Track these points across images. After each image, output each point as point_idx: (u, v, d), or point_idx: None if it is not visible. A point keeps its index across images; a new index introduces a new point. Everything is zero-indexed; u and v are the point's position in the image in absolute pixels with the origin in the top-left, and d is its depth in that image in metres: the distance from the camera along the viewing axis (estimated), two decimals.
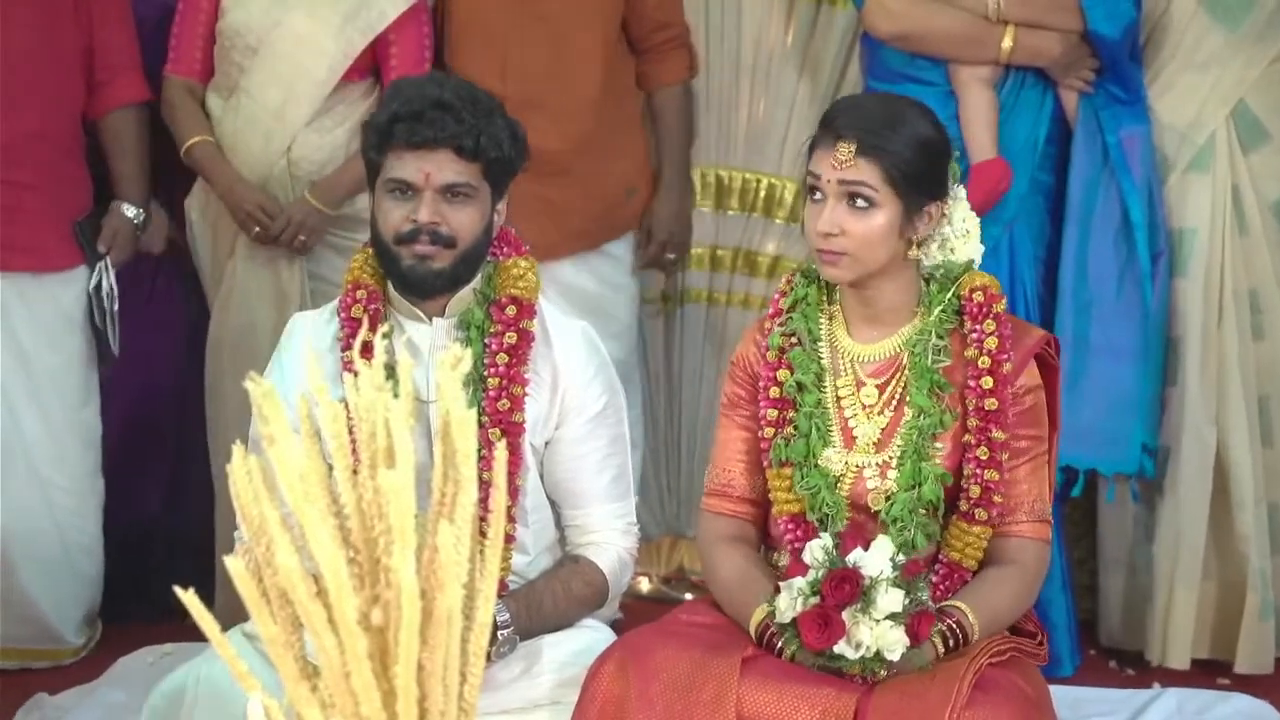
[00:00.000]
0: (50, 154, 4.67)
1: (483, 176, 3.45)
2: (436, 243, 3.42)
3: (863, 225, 3.25)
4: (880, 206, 3.25)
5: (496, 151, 3.43)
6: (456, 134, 3.39)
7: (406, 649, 1.87)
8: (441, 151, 3.41)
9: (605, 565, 3.56)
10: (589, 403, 3.58)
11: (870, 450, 3.32)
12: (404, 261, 3.45)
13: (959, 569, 3.30)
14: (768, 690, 3.10)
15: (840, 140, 3.24)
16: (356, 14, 4.72)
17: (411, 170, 3.41)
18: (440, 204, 3.42)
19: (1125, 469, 4.74)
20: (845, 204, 3.24)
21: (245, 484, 1.96)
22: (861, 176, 3.24)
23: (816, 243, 3.27)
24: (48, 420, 4.72)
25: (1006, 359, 3.29)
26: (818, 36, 5.15)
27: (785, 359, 3.37)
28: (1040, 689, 3.29)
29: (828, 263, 3.29)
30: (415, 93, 3.47)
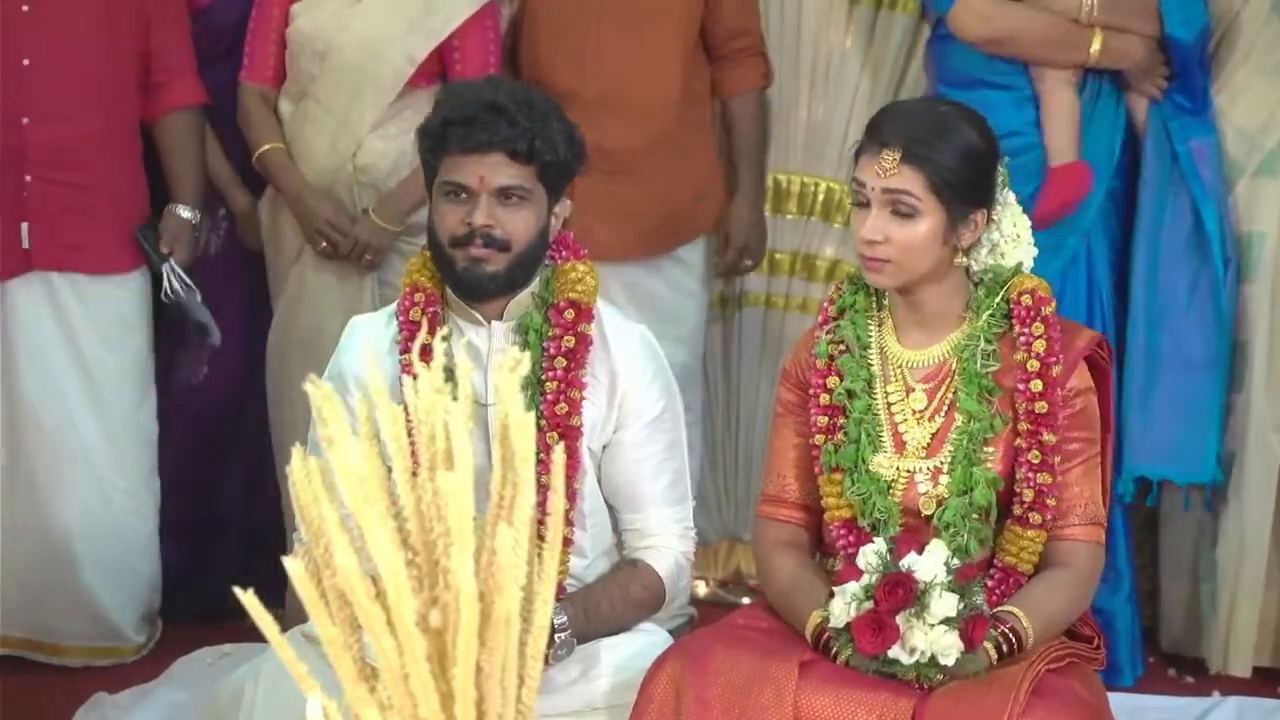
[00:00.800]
0: (111, 157, 4.70)
1: (537, 179, 3.44)
2: (490, 246, 3.42)
3: (906, 233, 3.24)
4: (924, 215, 3.24)
5: (551, 154, 3.42)
6: (510, 137, 3.39)
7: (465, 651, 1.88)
8: (495, 154, 3.40)
9: (662, 569, 3.56)
10: (647, 407, 3.57)
11: (921, 455, 3.31)
12: (459, 264, 3.45)
13: (1014, 573, 3.29)
14: (825, 694, 3.10)
15: (885, 148, 3.23)
16: (422, 20, 4.73)
17: (466, 174, 3.41)
18: (495, 207, 3.41)
19: (1200, 479, 4.72)
20: (889, 211, 3.23)
21: (305, 486, 1.97)
22: (905, 185, 3.22)
23: (861, 249, 3.27)
24: (106, 422, 4.75)
25: (1056, 362, 3.27)
26: (877, 40, 5.13)
27: (834, 366, 3.37)
28: (1099, 695, 3.28)
29: (872, 269, 3.28)
30: (469, 96, 3.47)
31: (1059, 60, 4.58)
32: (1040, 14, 4.57)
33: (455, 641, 1.89)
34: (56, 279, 4.64)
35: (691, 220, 4.96)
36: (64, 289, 4.66)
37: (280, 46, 4.83)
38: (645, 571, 3.54)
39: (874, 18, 5.13)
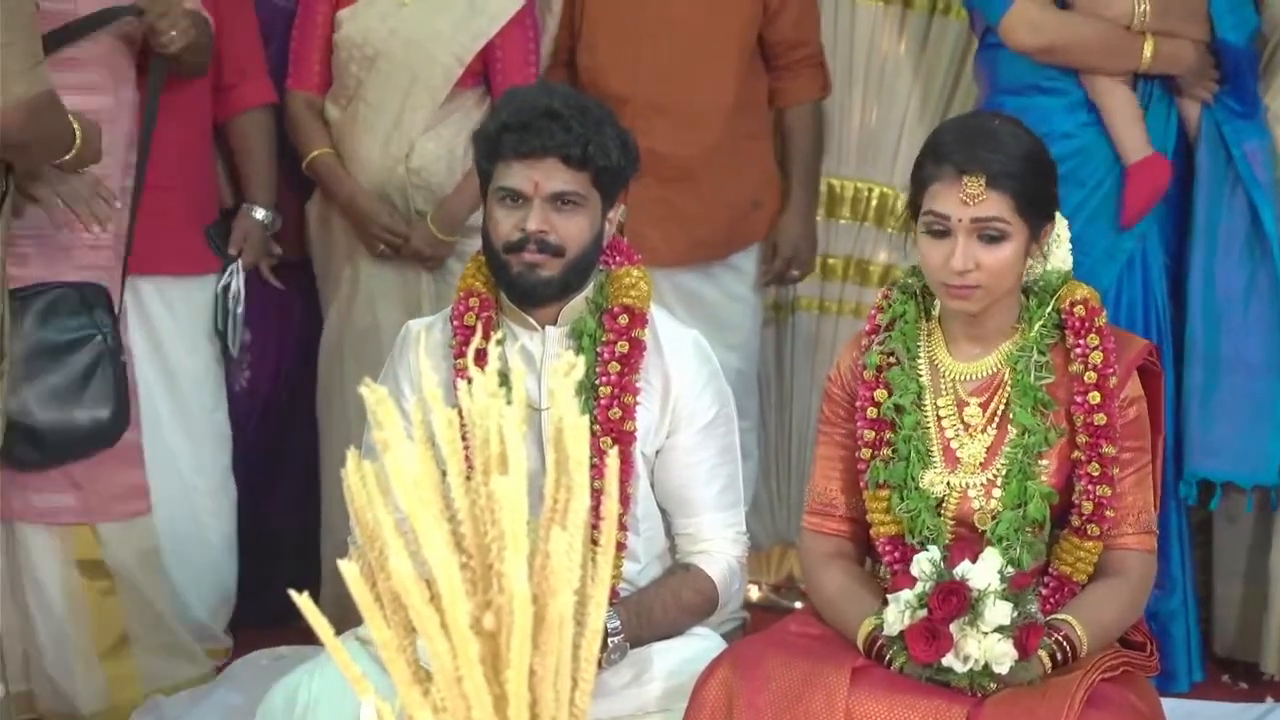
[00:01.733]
0: (189, 159, 4.73)
1: (592, 185, 3.45)
2: (544, 251, 3.43)
3: (996, 257, 3.21)
4: (1011, 237, 3.22)
5: (605, 160, 3.43)
6: (564, 143, 3.40)
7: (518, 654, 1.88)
8: (549, 160, 3.41)
9: (715, 574, 3.56)
10: (700, 412, 3.57)
11: (976, 470, 3.30)
12: (513, 269, 3.46)
13: (1069, 582, 3.28)
14: (877, 700, 3.09)
15: (966, 175, 3.18)
16: (468, 20, 4.76)
17: (520, 179, 3.42)
18: (549, 212, 3.42)
19: (1265, 480, 4.69)
20: (975, 238, 3.20)
21: (360, 489, 1.98)
22: (995, 211, 3.19)
23: (948, 279, 3.22)
24: (188, 423, 4.77)
25: (1112, 373, 3.26)
26: (930, 47, 5.14)
27: (883, 379, 3.34)
28: (1153, 704, 3.27)
29: (960, 297, 3.24)
30: (524, 102, 3.48)
31: (1111, 68, 4.57)
32: (1092, 22, 4.55)
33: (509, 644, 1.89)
34: (142, 282, 4.66)
35: (746, 227, 4.97)
36: (148, 291, 4.68)
37: (325, 53, 4.87)
38: (698, 576, 3.54)
39: (927, 24, 5.13)
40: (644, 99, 3.98)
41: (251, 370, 5.03)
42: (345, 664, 1.94)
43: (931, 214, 3.22)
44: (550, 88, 3.57)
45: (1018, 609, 3.07)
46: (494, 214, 3.47)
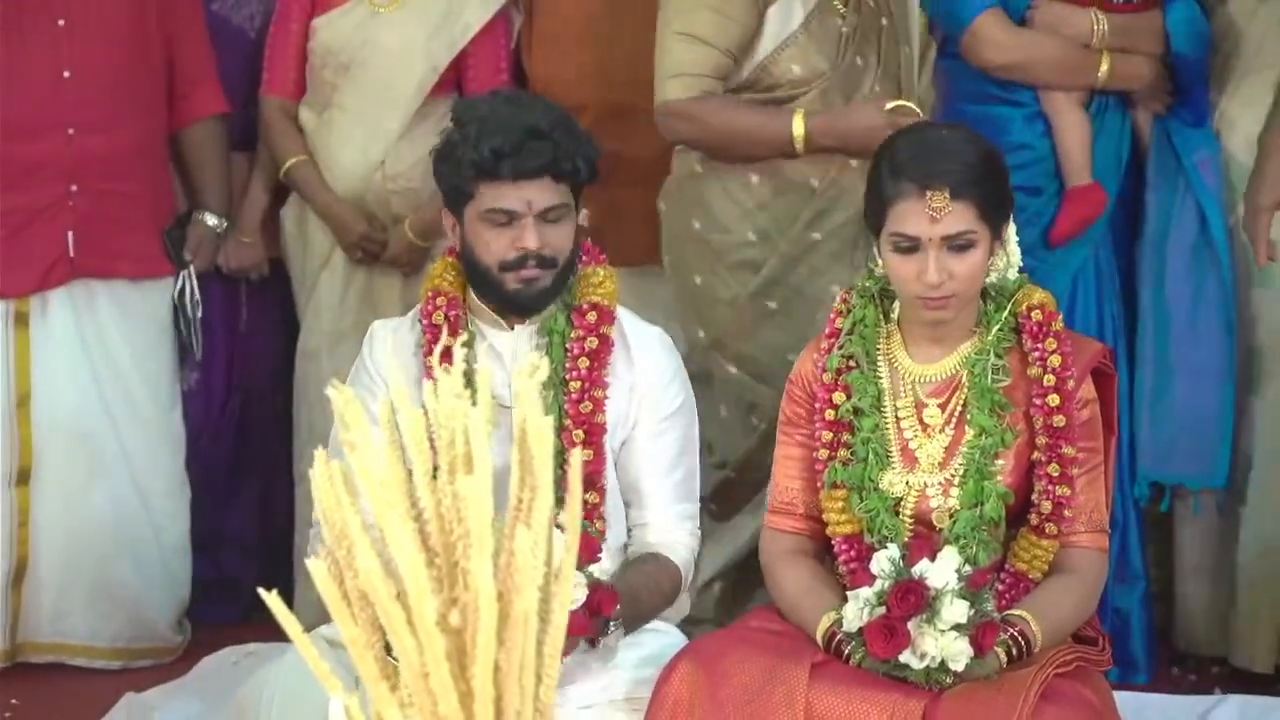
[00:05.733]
0: (147, 165, 4.74)
1: (571, 193, 3.47)
2: (541, 265, 3.44)
3: (966, 265, 3.22)
4: (979, 243, 3.23)
5: (587, 170, 3.46)
6: (555, 160, 3.40)
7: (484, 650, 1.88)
8: (541, 179, 3.41)
9: (680, 563, 3.56)
10: (665, 402, 3.58)
11: (934, 470, 3.30)
12: (509, 286, 3.46)
13: (1025, 579, 3.29)
14: (836, 695, 3.10)
15: (930, 190, 3.19)
16: (441, 29, 4.77)
17: (514, 200, 3.41)
18: (542, 227, 3.43)
19: (1214, 484, 4.72)
20: (945, 249, 3.21)
21: (327, 489, 1.97)
22: (962, 224, 3.20)
23: (923, 292, 3.22)
24: (143, 426, 4.78)
25: (1070, 375, 3.27)
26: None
27: (842, 381, 3.35)
28: (1105, 698, 3.28)
29: (936, 308, 3.25)
30: (507, 122, 3.42)
31: (1070, 84, 4.58)
32: (1052, 40, 4.56)
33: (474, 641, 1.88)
34: (97, 286, 4.66)
35: None
36: (103, 295, 4.69)
37: (300, 60, 4.87)
38: (668, 564, 3.55)
39: None
40: (602, 105, 3.99)
41: (202, 372, 5.02)
42: (314, 660, 1.94)
43: (900, 235, 3.22)
44: (515, 101, 3.54)
45: (974, 607, 3.08)
46: (482, 235, 3.45)
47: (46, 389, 4.66)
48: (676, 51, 4.21)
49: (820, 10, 4.24)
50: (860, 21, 4.29)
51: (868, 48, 4.31)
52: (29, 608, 4.73)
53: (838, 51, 4.27)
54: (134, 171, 4.68)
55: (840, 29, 4.26)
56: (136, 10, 4.65)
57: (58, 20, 4.57)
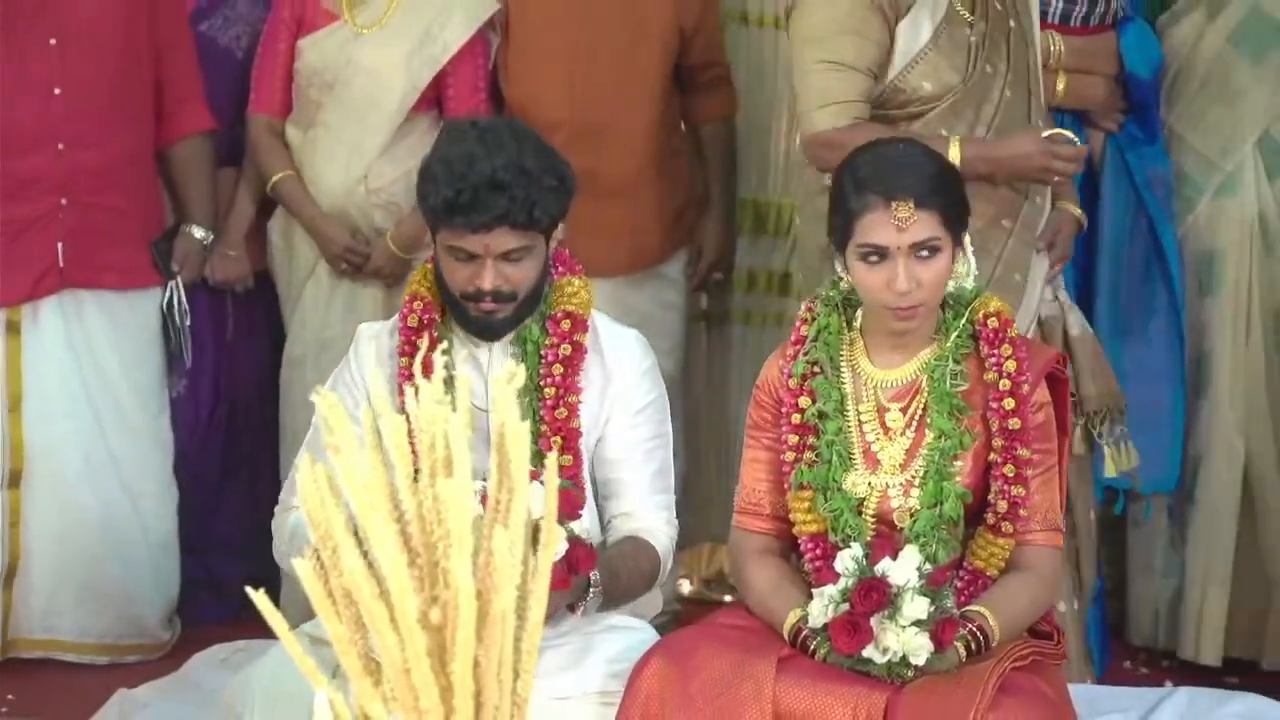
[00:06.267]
0: (136, 180, 4.74)
1: (538, 234, 3.44)
2: (499, 300, 3.44)
3: (932, 272, 3.23)
4: (943, 250, 3.24)
5: (549, 218, 3.42)
6: (509, 211, 3.36)
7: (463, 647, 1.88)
8: (498, 229, 3.38)
9: (659, 548, 3.55)
10: (639, 396, 3.58)
11: (895, 471, 3.31)
12: (471, 314, 3.47)
13: (982, 576, 3.30)
14: (802, 688, 3.11)
15: (895, 202, 3.19)
16: (421, 48, 4.78)
17: (473, 244, 3.40)
18: (500, 265, 3.41)
19: (1164, 488, 4.76)
20: (913, 259, 3.21)
21: (312, 491, 1.97)
22: (928, 231, 3.21)
23: (893, 301, 3.23)
24: (132, 430, 4.78)
25: (1025, 380, 3.28)
26: None
27: (807, 386, 3.35)
28: (1060, 690, 3.29)
29: (906, 318, 3.26)
30: (465, 170, 3.37)
31: None
32: None
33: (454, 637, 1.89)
34: (86, 296, 4.66)
35: (674, 236, 5.01)
36: (92, 305, 4.69)
37: (287, 79, 4.88)
38: (647, 547, 3.53)
39: None
40: (577, 123, 3.99)
41: (191, 380, 5.01)
42: (300, 657, 1.94)
43: (868, 245, 3.22)
44: (486, 141, 3.43)
45: (934, 604, 3.09)
46: (447, 264, 3.46)
47: (37, 394, 4.66)
48: (821, 81, 4.05)
49: (948, 22, 4.10)
50: (989, 28, 4.13)
51: (996, 55, 4.15)
52: (20, 605, 4.73)
53: (968, 63, 4.11)
54: (123, 185, 4.68)
55: (969, 39, 4.11)
56: (126, 30, 4.64)
57: (49, 39, 4.56)
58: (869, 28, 4.03)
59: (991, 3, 4.11)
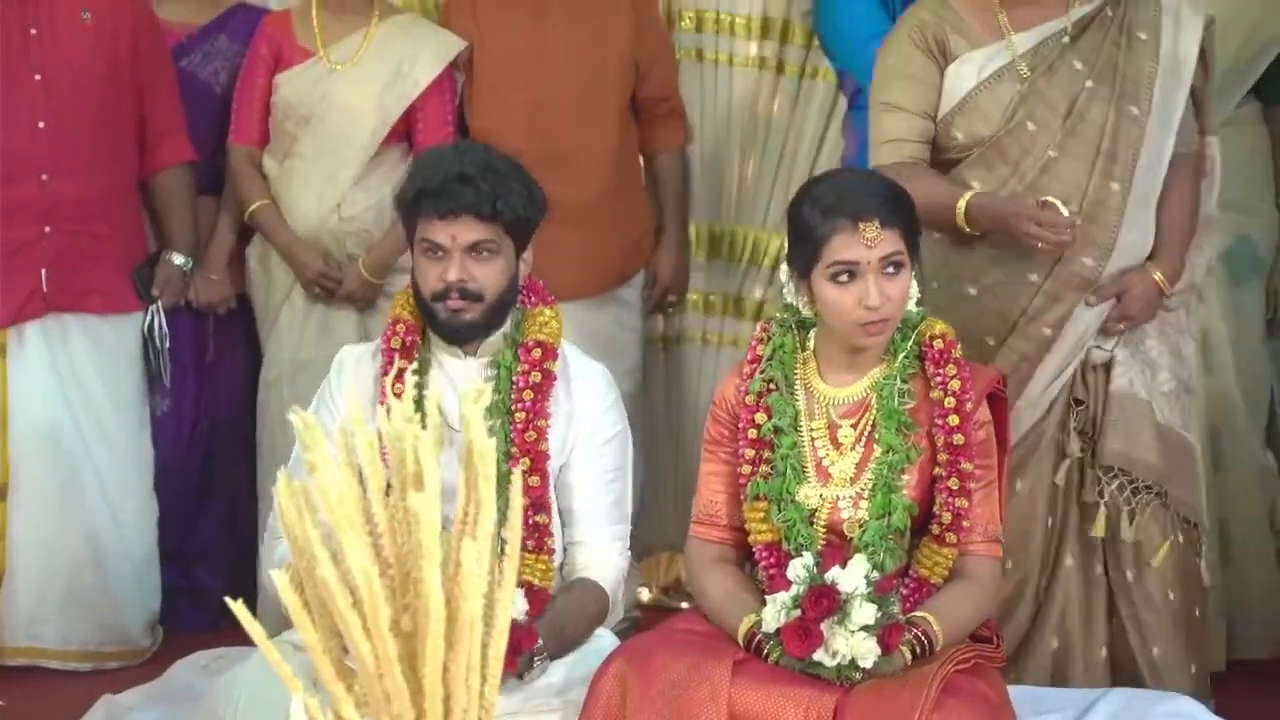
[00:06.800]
0: (119, 208, 4.74)
1: (504, 233, 3.50)
2: (466, 298, 3.49)
3: (898, 287, 3.27)
4: (906, 265, 3.28)
5: (512, 213, 3.49)
6: (474, 202, 3.45)
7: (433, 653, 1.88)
8: (464, 217, 3.46)
9: (608, 585, 3.58)
10: (602, 429, 3.61)
11: (845, 484, 3.33)
12: (440, 315, 3.52)
13: (927, 584, 3.31)
14: (756, 690, 3.11)
15: (863, 221, 3.23)
16: (392, 85, 4.80)
17: (440, 234, 3.48)
18: (467, 262, 3.48)
19: None
20: (880, 275, 3.25)
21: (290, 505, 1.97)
22: (893, 246, 3.25)
23: (862, 318, 3.26)
24: (113, 448, 4.77)
25: (969, 399, 3.31)
26: (800, 107, 5.17)
27: (763, 403, 3.38)
28: (1000, 692, 3.29)
29: (875, 333, 3.29)
30: (438, 167, 3.54)
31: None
32: None
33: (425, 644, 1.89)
34: (70, 319, 4.66)
35: (632, 261, 5.03)
36: (76, 328, 4.68)
37: (264, 112, 4.90)
38: (595, 588, 3.56)
39: (798, 87, 5.16)
40: (537, 153, 4.01)
41: (173, 399, 5.01)
42: (277, 663, 1.94)
43: (839, 264, 3.25)
44: (462, 151, 3.62)
45: (882, 610, 3.11)
46: (420, 265, 3.53)
47: (23, 413, 4.65)
48: (881, 120, 4.04)
49: (998, 76, 3.99)
50: (1049, 85, 3.96)
51: (1049, 113, 3.95)
52: (6, 614, 4.72)
53: (1003, 117, 3.97)
54: (105, 214, 4.68)
55: (1017, 92, 3.96)
56: (110, 67, 4.65)
57: (35, 75, 4.56)
58: (921, 71, 4.01)
59: (1069, 64, 3.96)
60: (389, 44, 4.83)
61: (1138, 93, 3.95)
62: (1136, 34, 3.97)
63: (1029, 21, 4.00)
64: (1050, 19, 4.00)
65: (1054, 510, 4.03)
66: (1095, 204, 3.91)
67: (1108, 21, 3.99)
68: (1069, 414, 4.01)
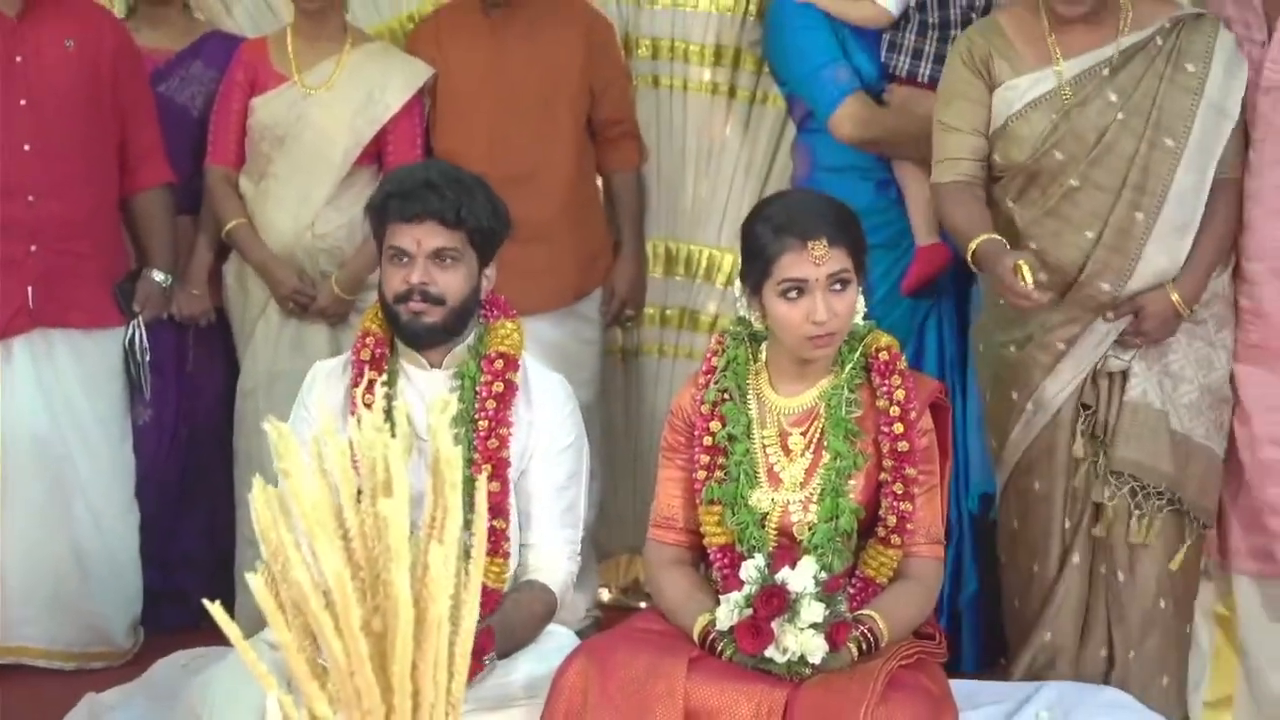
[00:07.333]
0: (101, 228, 4.72)
1: (467, 243, 3.52)
2: (427, 300, 3.50)
3: (845, 302, 3.29)
4: (852, 282, 3.30)
5: (475, 221, 3.51)
6: (440, 208, 3.48)
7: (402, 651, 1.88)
8: (429, 222, 3.49)
9: (556, 587, 3.58)
10: (560, 437, 3.62)
11: (795, 489, 3.34)
12: (403, 318, 3.52)
13: (873, 584, 3.33)
14: (711, 685, 3.12)
15: (811, 240, 3.25)
16: (364, 109, 4.80)
17: (405, 239, 3.50)
18: (430, 267, 3.50)
19: None
20: (828, 291, 3.26)
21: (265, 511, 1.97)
22: (841, 264, 3.27)
23: (809, 332, 3.28)
24: (96, 458, 4.75)
25: (913, 408, 3.32)
26: (751, 130, 5.17)
27: (718, 412, 3.39)
28: (942, 685, 3.31)
29: (823, 345, 3.31)
30: (406, 176, 3.58)
31: (919, 155, 4.38)
32: (907, 118, 4.49)
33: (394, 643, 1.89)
34: (55, 334, 4.65)
35: (590, 277, 5.02)
36: (60, 342, 4.67)
37: (240, 134, 4.89)
38: (543, 590, 3.56)
39: (749, 111, 5.16)
40: (498, 174, 4.01)
41: (154, 409, 4.99)
42: (253, 662, 1.93)
43: (789, 281, 3.26)
44: (429, 164, 3.65)
45: (829, 609, 3.12)
46: (386, 271, 3.55)
47: (10, 424, 4.63)
48: (939, 139, 4.00)
49: (1034, 105, 3.94)
50: (1081, 116, 3.90)
51: (1077, 145, 3.90)
52: None
53: (1035, 146, 3.92)
54: (88, 233, 4.66)
55: (1051, 122, 3.91)
56: (92, 93, 4.63)
57: (21, 100, 4.54)
58: (973, 90, 3.97)
59: (1104, 97, 3.89)
60: (361, 70, 4.83)
61: (1175, 125, 3.86)
62: (1184, 65, 3.88)
63: (1079, 47, 3.94)
64: (1100, 45, 3.93)
65: (1070, 511, 4.02)
66: (1118, 232, 3.88)
67: (1155, 51, 3.90)
68: (1078, 417, 4.00)
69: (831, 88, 4.55)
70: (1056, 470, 4.00)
